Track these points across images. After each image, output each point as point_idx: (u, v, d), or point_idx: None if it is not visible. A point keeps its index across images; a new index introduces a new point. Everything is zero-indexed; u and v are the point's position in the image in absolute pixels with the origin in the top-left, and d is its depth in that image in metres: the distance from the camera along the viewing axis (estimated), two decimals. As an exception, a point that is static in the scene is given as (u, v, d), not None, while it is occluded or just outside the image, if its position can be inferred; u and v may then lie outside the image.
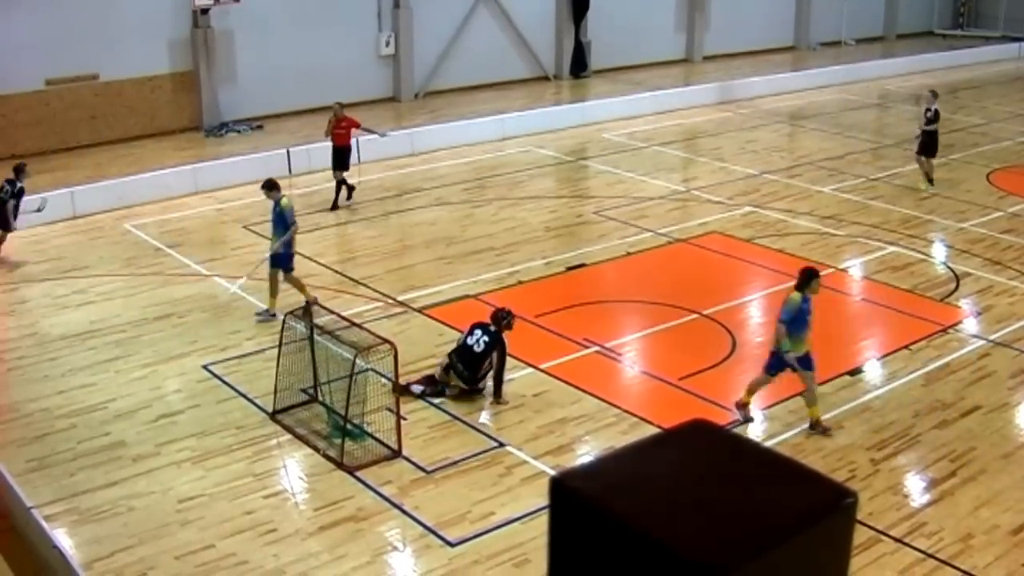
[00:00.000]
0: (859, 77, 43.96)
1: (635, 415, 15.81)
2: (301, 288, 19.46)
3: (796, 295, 15.39)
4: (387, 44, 36.38)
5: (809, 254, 22.75)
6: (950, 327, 19.59)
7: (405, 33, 36.55)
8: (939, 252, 23.65)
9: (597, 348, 18.23)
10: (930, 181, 28.16)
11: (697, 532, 3.95)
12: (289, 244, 19.33)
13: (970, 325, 19.80)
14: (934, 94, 28.77)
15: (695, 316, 19.58)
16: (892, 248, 23.41)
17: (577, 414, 16.02)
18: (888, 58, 47.90)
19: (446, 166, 29.82)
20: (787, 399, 16.50)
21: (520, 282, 21.21)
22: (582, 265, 22.25)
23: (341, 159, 25.94)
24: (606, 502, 4.11)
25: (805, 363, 15.48)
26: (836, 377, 17.33)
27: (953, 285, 21.63)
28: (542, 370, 17.32)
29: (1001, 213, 26.41)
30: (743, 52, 46.77)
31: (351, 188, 26.25)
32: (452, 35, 38.03)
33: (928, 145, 28.17)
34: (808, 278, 15.53)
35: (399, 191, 27.51)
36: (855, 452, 15.13)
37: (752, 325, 19.71)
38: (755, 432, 15.70)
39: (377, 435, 15.00)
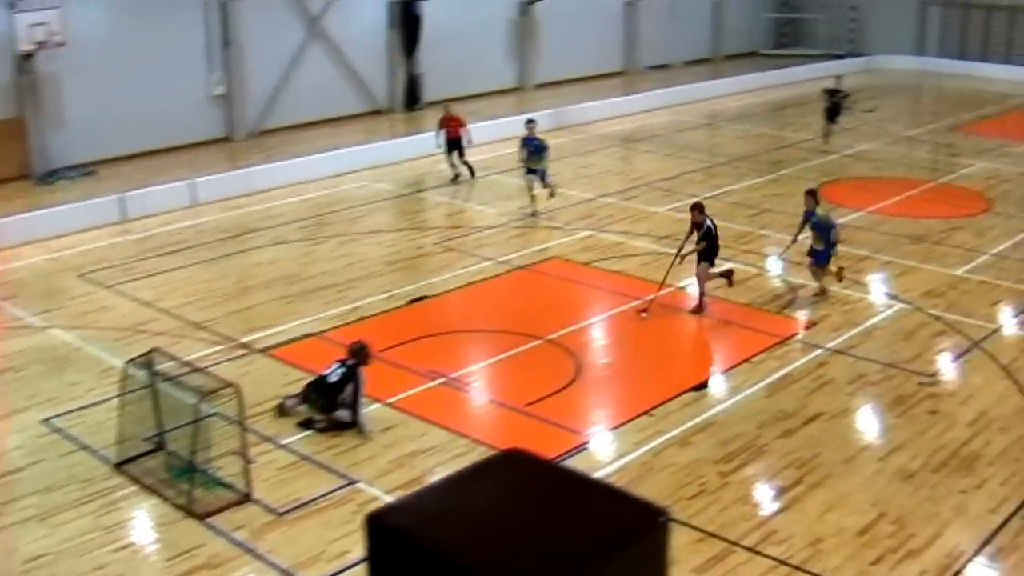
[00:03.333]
0: (689, 98, 44.80)
1: (485, 443, 15.83)
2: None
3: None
4: (218, 84, 36.00)
5: (648, 274, 23.08)
6: (789, 338, 20.04)
7: (236, 72, 36.22)
8: (774, 266, 24.15)
9: (443, 379, 18.22)
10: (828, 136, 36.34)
11: (515, 559, 3.96)
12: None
13: (808, 335, 20.27)
14: (838, 78, 37.21)
15: (539, 342, 19.69)
16: (729, 264, 23.81)
17: (427, 446, 15.99)
18: (716, 79, 48.96)
19: (284, 204, 29.58)
20: (634, 419, 16.70)
21: (363, 317, 21.12)
22: (424, 297, 22.24)
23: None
24: (423, 536, 4.10)
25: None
26: (681, 394, 17.59)
27: (790, 297, 22.14)
28: (389, 404, 17.25)
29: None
30: (575, 78, 47.33)
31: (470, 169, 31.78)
32: (284, 72, 37.79)
33: (832, 113, 36.33)
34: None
35: (237, 232, 27.22)
36: (703, 467, 15.35)
37: (595, 348, 19.90)
38: (602, 453, 15.84)
39: (226, 479, 14.78)
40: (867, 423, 17.07)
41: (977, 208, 29.26)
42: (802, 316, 21.19)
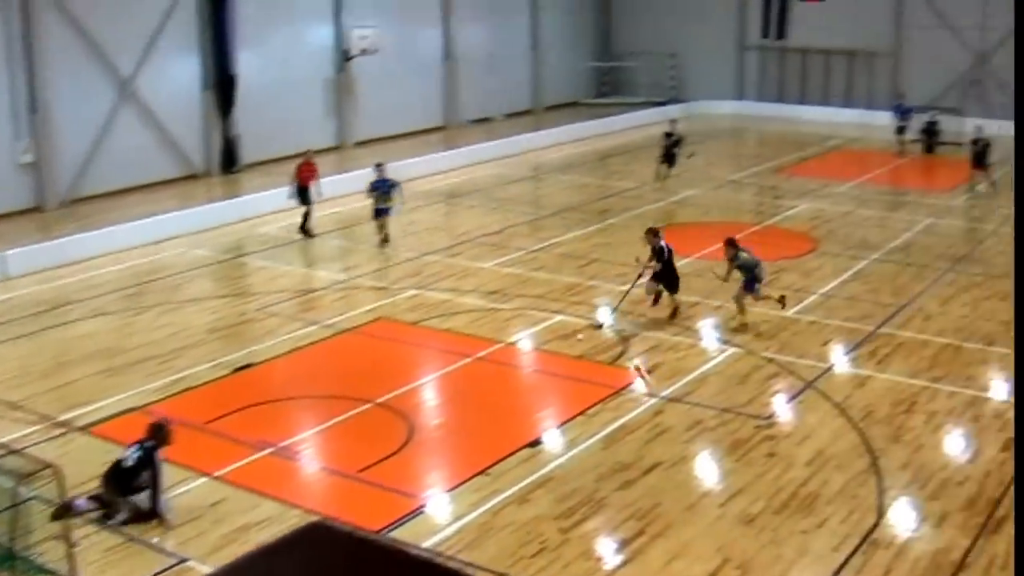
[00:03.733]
0: (512, 151, 45.20)
1: (318, 513, 15.61)
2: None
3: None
4: (25, 151, 35.16)
5: (478, 330, 23.16)
6: (623, 388, 20.22)
7: (45, 138, 35.41)
8: (605, 315, 24.38)
9: (272, 449, 17.95)
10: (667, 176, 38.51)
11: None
12: None
13: (642, 384, 20.49)
14: (673, 122, 39.70)
15: (369, 405, 19.54)
16: (559, 317, 24.02)
17: (259, 519, 15.70)
18: (538, 130, 49.53)
19: (101, 274, 28.96)
20: (470, 479, 16.65)
21: (187, 388, 20.73)
22: (250, 365, 21.92)
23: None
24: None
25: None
26: (517, 451, 17.60)
27: (622, 347, 22.37)
28: (217, 477, 16.92)
29: (660, 272, 27.51)
30: (396, 135, 47.43)
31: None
32: (96, 137, 37.09)
33: (669, 157, 38.59)
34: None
35: (53, 304, 26.53)
36: (543, 524, 15.35)
37: (427, 408, 19.84)
38: (440, 516, 15.74)
39: (49, 565, 14.30)
40: (706, 469, 17.29)
41: (803, 248, 30.02)
42: (635, 365, 21.41)
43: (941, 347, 22.47)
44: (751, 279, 23.49)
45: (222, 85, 40.80)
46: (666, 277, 23.98)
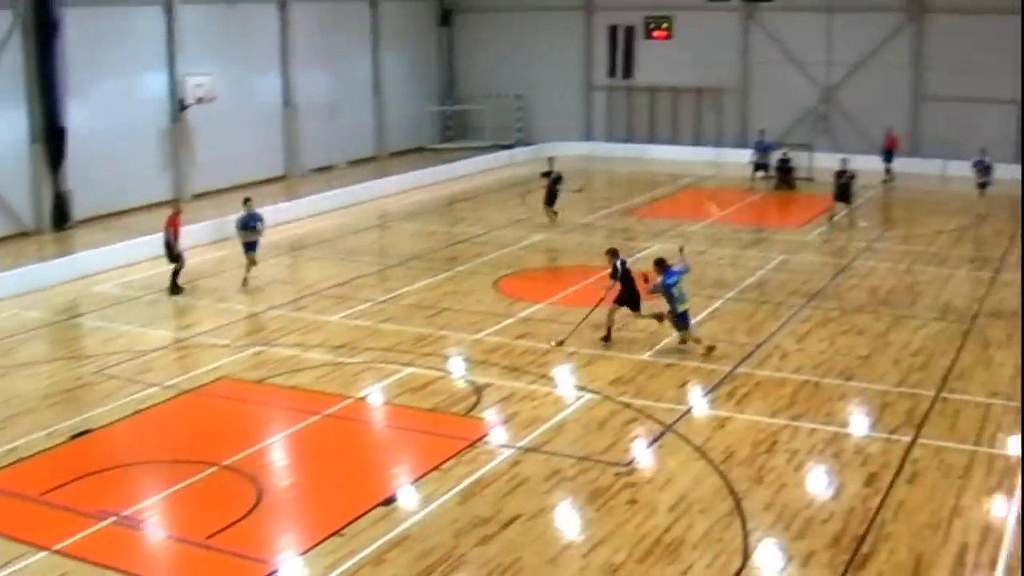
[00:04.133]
0: (356, 199, 45.07)
1: (164, 584, 15.34)
2: None
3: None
4: None
5: (325, 386, 23.00)
6: (478, 440, 20.20)
7: None
8: (457, 366, 24.40)
9: (115, 518, 17.57)
10: (555, 213, 39.67)
11: None
12: None
13: (497, 435, 20.50)
14: (551, 159, 40.83)
15: (215, 469, 19.26)
16: (409, 369, 23.97)
17: (101, 593, 15.37)
18: (383, 177, 49.41)
19: (-79, 343, 28.19)
20: (323, 541, 16.49)
21: (21, 459, 20.21)
22: (88, 431, 21.45)
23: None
24: None
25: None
26: (370, 509, 17.46)
27: (475, 398, 22.37)
28: (57, 551, 16.49)
29: (513, 319, 27.66)
30: (235, 185, 46.90)
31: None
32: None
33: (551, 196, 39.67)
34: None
35: None
36: (400, 584, 15.26)
37: (276, 470, 19.59)
38: (295, 581, 15.58)
39: None
40: (567, 520, 17.34)
41: (656, 291, 30.35)
42: (490, 416, 21.43)
43: (799, 385, 22.88)
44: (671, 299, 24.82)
45: (51, 137, 39.99)
46: (628, 296, 25.60)
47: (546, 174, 40.36)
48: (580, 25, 60.11)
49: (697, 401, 22.12)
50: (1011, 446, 19.87)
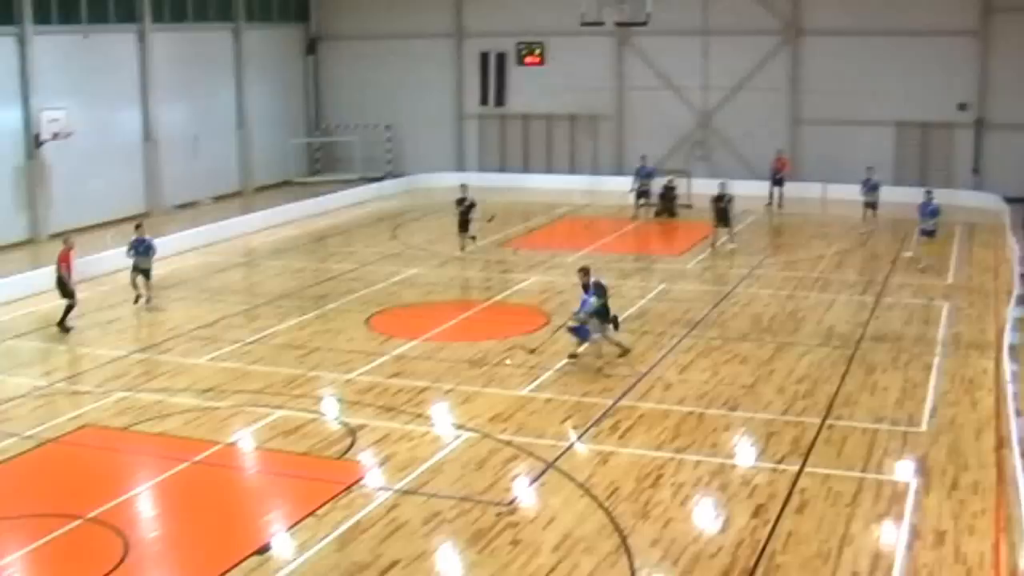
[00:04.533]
0: (221, 236, 44.63)
1: (24, 646, 15.03)
2: None
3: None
4: None
5: (194, 432, 22.73)
6: (354, 484, 20.07)
7: None
8: (330, 408, 24.27)
9: (-31, 579, 17.22)
10: (473, 239, 40.57)
11: None
12: None
13: (374, 478, 20.39)
14: (463, 187, 41.25)
15: (79, 522, 18.91)
16: (281, 412, 23.77)
17: (-44, 659, 15.01)
18: (249, 213, 49.07)
19: None
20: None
21: None
22: (-61, 487, 21.02)
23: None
24: None
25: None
26: (244, 560, 17.25)
27: (350, 440, 22.23)
28: (-94, 617, 16.12)
29: (386, 357, 27.57)
30: (96, 223, 46.24)
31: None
32: None
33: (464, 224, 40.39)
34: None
35: None
36: (276, 637, 15.09)
37: (143, 521, 19.28)
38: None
39: None
40: (448, 563, 17.29)
41: (535, 324, 30.46)
42: (365, 459, 21.32)
43: (683, 416, 23.08)
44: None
45: None
46: (606, 313, 26.75)
47: (460, 201, 40.78)
48: (450, 52, 60.39)
49: (579, 436, 22.20)
50: (898, 471, 20.23)
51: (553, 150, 59.28)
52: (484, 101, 60.22)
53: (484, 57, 59.87)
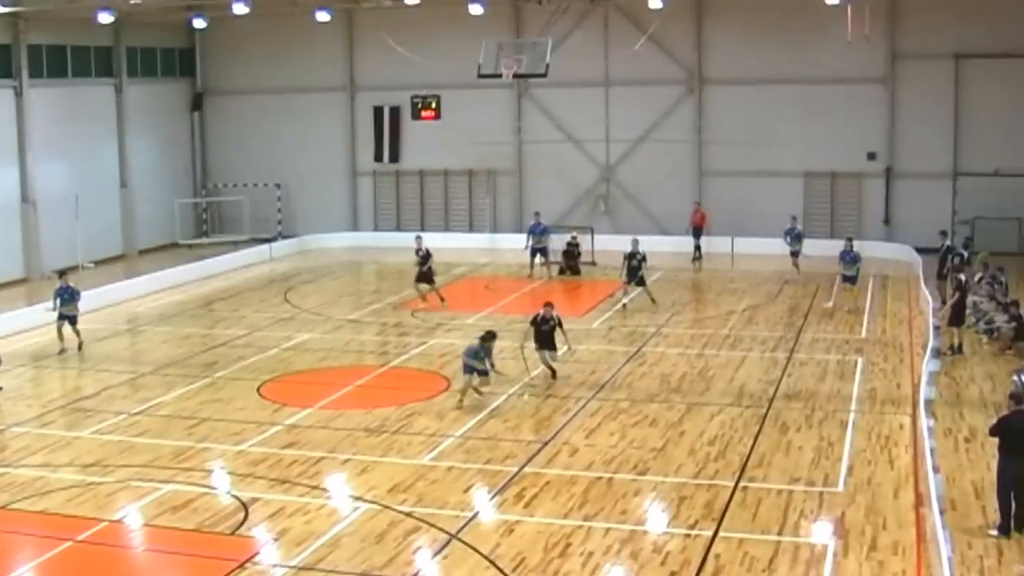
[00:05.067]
0: (103, 303, 44.04)
1: None
2: None
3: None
4: None
5: (77, 509, 22.41)
6: (247, 561, 19.88)
7: None
8: (221, 481, 24.04)
9: None
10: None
11: None
12: None
13: (268, 554, 20.21)
14: (419, 238, 43.22)
15: (-48, 608, 18.62)
16: (169, 486, 23.51)
17: None
18: (133, 277, 48.62)
19: None
20: None
21: None
22: None
23: None
24: None
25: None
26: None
27: (242, 514, 22.03)
28: None
29: (279, 427, 27.40)
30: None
31: None
32: None
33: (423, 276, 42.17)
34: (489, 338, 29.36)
35: None
36: None
37: (24, 605, 19.04)
38: None
39: None
40: (346, 643, 17.18)
41: (436, 389, 30.46)
42: (259, 534, 21.14)
43: (591, 482, 23.12)
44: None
45: None
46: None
47: (418, 252, 42.49)
48: (343, 107, 60.52)
49: (483, 506, 22.17)
50: (815, 533, 20.40)
51: (451, 207, 59.49)
52: (379, 157, 60.32)
53: (378, 111, 60.01)
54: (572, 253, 48.88)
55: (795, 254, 45.53)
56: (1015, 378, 28.15)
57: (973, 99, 51.43)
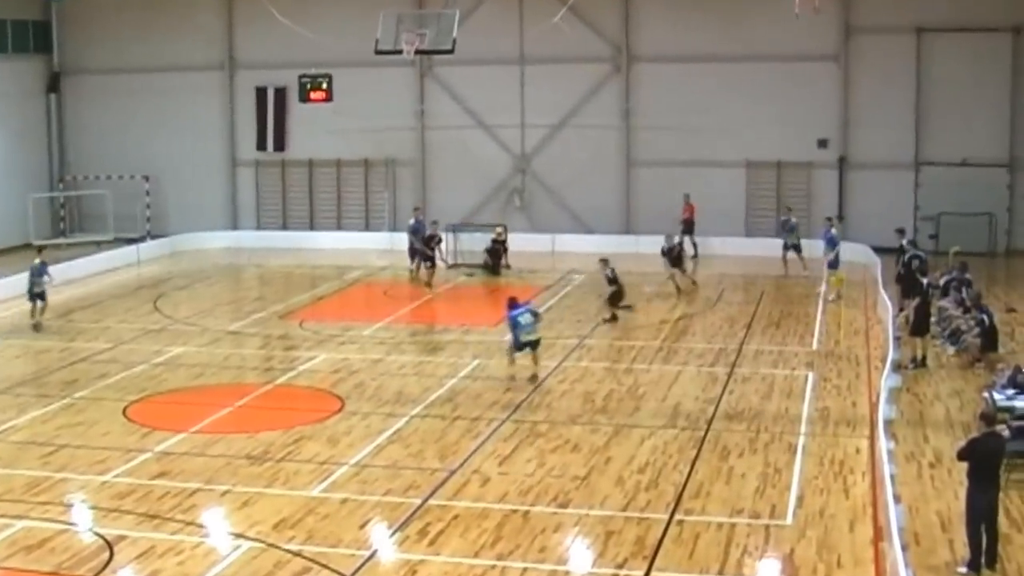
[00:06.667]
0: (-55, 313, 43.76)
1: None
2: None
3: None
4: None
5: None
6: (111, 610, 19.74)
7: None
8: (83, 516, 23.79)
9: None
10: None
11: None
12: None
13: (135, 599, 20.09)
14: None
15: None
16: (22, 523, 23.23)
17: None
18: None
19: None
20: None
21: None
22: None
23: None
24: None
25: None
26: None
27: (106, 555, 21.81)
28: None
29: (149, 454, 27.15)
30: None
31: None
32: None
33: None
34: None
35: None
36: None
37: None
38: None
39: None
40: None
41: (328, 410, 30.32)
42: (127, 577, 21.01)
43: (505, 515, 23.06)
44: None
45: None
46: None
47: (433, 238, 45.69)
48: (221, 87, 60.30)
49: (382, 543, 22.07)
50: (761, 573, 20.48)
51: (344, 203, 59.36)
52: (262, 145, 60.07)
53: (261, 93, 59.80)
54: (498, 251, 48.85)
55: (796, 248, 45.86)
56: (985, 395, 28.00)
57: (937, 79, 51.84)
